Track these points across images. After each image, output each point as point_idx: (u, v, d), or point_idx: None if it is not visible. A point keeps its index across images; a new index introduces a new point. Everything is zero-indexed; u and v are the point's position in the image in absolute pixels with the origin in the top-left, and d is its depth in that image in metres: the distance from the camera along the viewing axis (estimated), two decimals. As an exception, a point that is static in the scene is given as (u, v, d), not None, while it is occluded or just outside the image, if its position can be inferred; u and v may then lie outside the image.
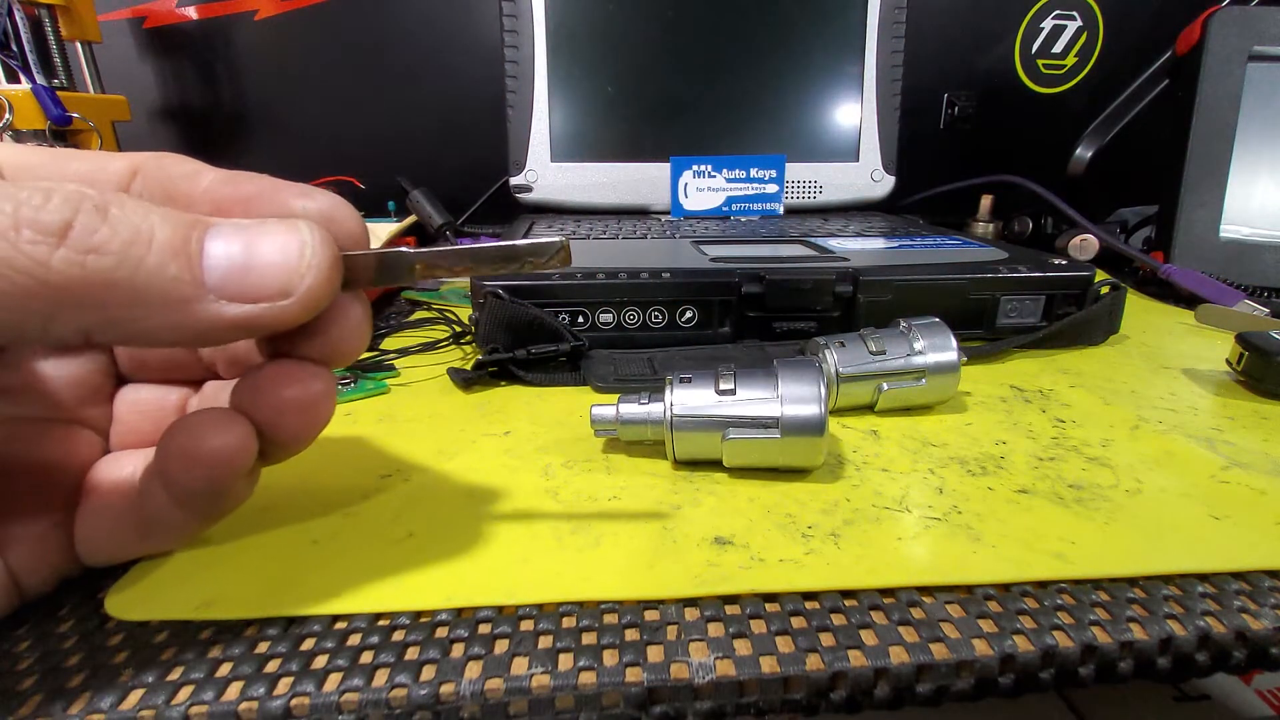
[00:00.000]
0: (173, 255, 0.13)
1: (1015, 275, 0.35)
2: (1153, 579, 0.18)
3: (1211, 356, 0.35)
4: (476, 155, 0.65)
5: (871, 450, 0.25)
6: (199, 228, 0.13)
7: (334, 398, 0.16)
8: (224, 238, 0.14)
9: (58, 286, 0.12)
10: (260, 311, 0.14)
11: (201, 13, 0.65)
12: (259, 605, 0.17)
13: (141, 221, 0.13)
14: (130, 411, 0.19)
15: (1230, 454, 0.25)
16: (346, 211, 0.16)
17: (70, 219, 0.12)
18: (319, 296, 0.14)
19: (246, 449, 0.15)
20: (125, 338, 0.13)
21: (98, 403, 0.19)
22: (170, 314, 0.13)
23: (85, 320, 0.12)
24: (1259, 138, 0.48)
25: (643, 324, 0.34)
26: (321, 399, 0.16)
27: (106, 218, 0.12)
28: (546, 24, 0.56)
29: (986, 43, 0.71)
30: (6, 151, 0.15)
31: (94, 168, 0.16)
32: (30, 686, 0.15)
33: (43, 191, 0.12)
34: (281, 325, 0.14)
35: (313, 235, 0.14)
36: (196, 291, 0.13)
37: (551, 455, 0.25)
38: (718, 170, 0.58)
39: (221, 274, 0.13)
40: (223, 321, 0.13)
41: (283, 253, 0.14)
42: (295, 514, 0.21)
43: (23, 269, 0.11)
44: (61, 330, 0.12)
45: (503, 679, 0.15)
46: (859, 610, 0.17)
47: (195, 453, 0.15)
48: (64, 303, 0.12)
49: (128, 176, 0.16)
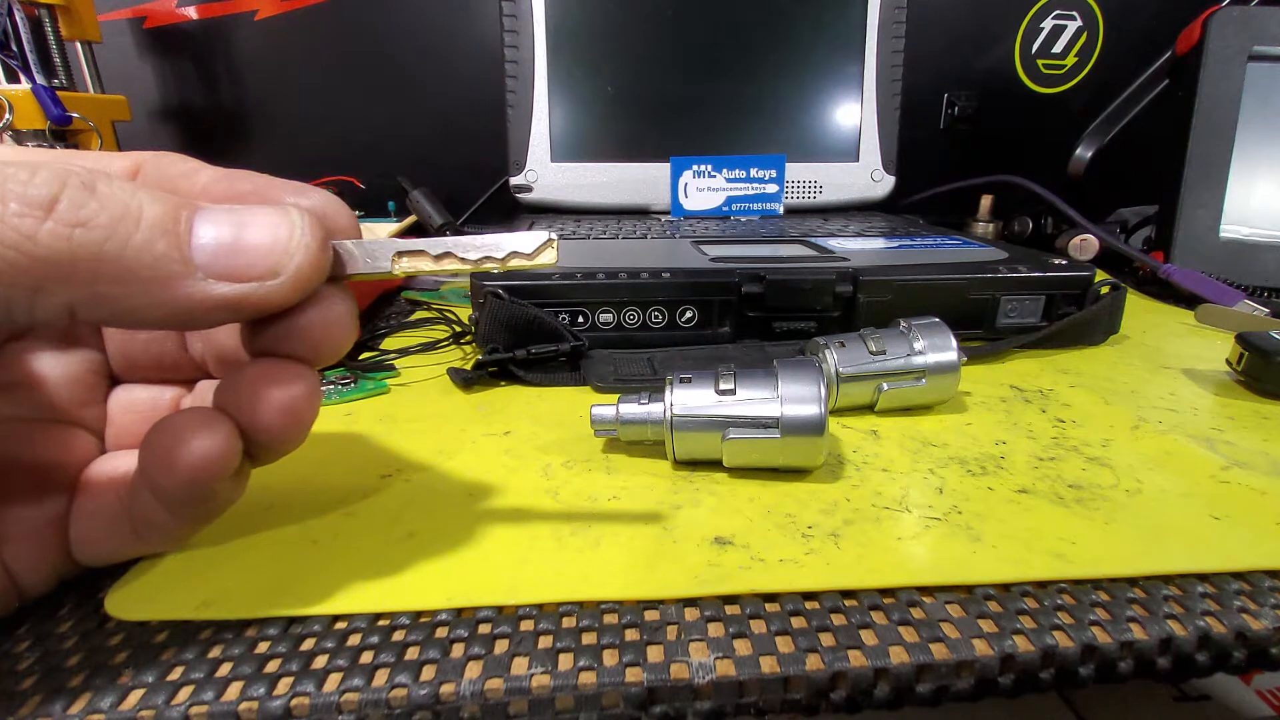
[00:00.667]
0: (161, 233, 0.13)
1: (1015, 275, 0.35)
2: (1153, 579, 0.18)
3: (1211, 356, 0.35)
4: (476, 155, 0.65)
5: (871, 450, 0.25)
6: (187, 208, 0.13)
7: (318, 399, 0.16)
8: (213, 219, 0.14)
9: (44, 260, 0.12)
10: (248, 291, 0.14)
11: (201, 13, 0.65)
12: (259, 605, 0.17)
13: (130, 199, 0.13)
14: (124, 412, 0.19)
15: (1230, 454, 0.25)
16: (339, 208, 0.16)
17: (57, 193, 0.12)
18: (308, 277, 0.14)
19: (228, 452, 0.15)
20: (112, 315, 0.13)
21: (92, 403, 0.19)
22: (157, 291, 0.13)
23: (72, 295, 0.12)
24: (1259, 138, 0.48)
25: (643, 324, 0.34)
26: (304, 400, 0.15)
27: (94, 193, 0.12)
28: (546, 24, 0.56)
29: (986, 43, 0.71)
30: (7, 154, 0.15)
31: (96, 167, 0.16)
32: (30, 686, 0.15)
33: (29, 167, 0.12)
34: (270, 306, 0.14)
35: (302, 218, 0.14)
36: (184, 269, 0.13)
37: (551, 455, 0.25)
38: (718, 170, 0.58)
39: (210, 253, 0.13)
40: (210, 300, 0.13)
41: (272, 233, 0.14)
42: (295, 514, 0.21)
43: (9, 243, 0.11)
44: (47, 305, 0.12)
45: (503, 679, 0.15)
46: (859, 610, 0.17)
47: (175, 456, 0.14)
48: (50, 277, 0.12)
49: (129, 176, 0.16)
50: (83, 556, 0.17)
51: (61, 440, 0.18)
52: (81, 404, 0.19)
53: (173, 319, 0.13)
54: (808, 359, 0.24)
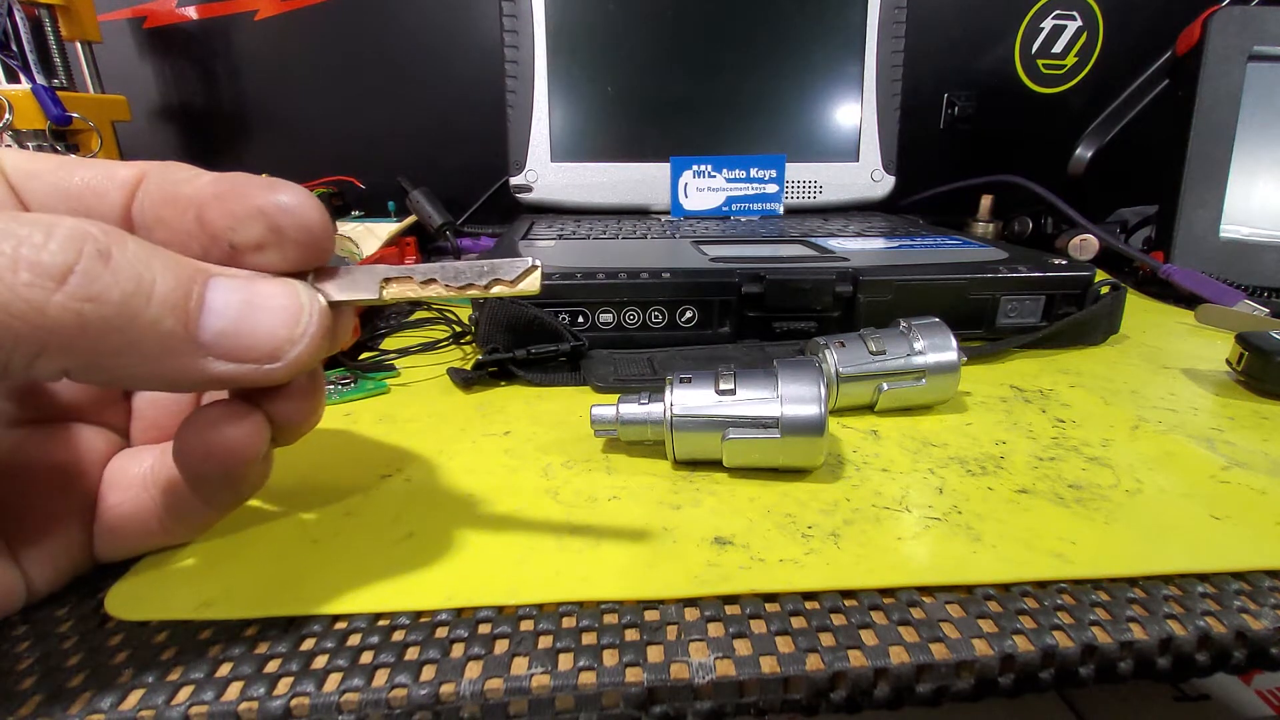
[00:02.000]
0: (170, 309, 0.13)
1: (1015, 275, 0.35)
2: (1153, 579, 0.18)
3: (1211, 356, 0.35)
4: (476, 155, 0.65)
5: (871, 450, 0.25)
6: (199, 280, 0.13)
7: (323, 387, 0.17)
8: (223, 294, 0.14)
9: (50, 331, 0.12)
10: (246, 372, 0.14)
11: (201, 13, 0.64)
12: (259, 605, 0.17)
13: (144, 270, 0.12)
14: (149, 406, 0.19)
15: (1230, 454, 0.25)
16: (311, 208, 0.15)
17: (71, 263, 0.12)
18: (306, 364, 0.15)
19: (260, 437, 0.16)
20: (107, 380, 0.13)
21: (113, 401, 0.19)
22: (157, 365, 0.13)
23: (70, 363, 0.12)
24: (1259, 138, 0.48)
25: (643, 324, 0.34)
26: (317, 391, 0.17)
27: (109, 263, 0.12)
28: (546, 24, 0.56)
29: (986, 43, 0.71)
30: (14, 159, 0.15)
31: (101, 175, 0.15)
32: (30, 686, 0.15)
33: (44, 228, 0.12)
34: (263, 385, 0.14)
35: (311, 301, 0.14)
36: (189, 348, 0.13)
37: (551, 455, 0.25)
38: (718, 170, 0.58)
39: (216, 332, 0.13)
40: (206, 377, 0.14)
41: (280, 317, 0.14)
42: (295, 514, 0.21)
43: (16, 312, 0.11)
44: (44, 368, 0.12)
45: (503, 679, 0.15)
46: (859, 610, 0.17)
47: (213, 442, 0.15)
48: (52, 345, 0.12)
49: (134, 184, 0.15)
50: (105, 553, 0.17)
51: (84, 441, 0.18)
52: (103, 404, 0.19)
53: (164, 387, 0.14)
54: (808, 359, 0.24)
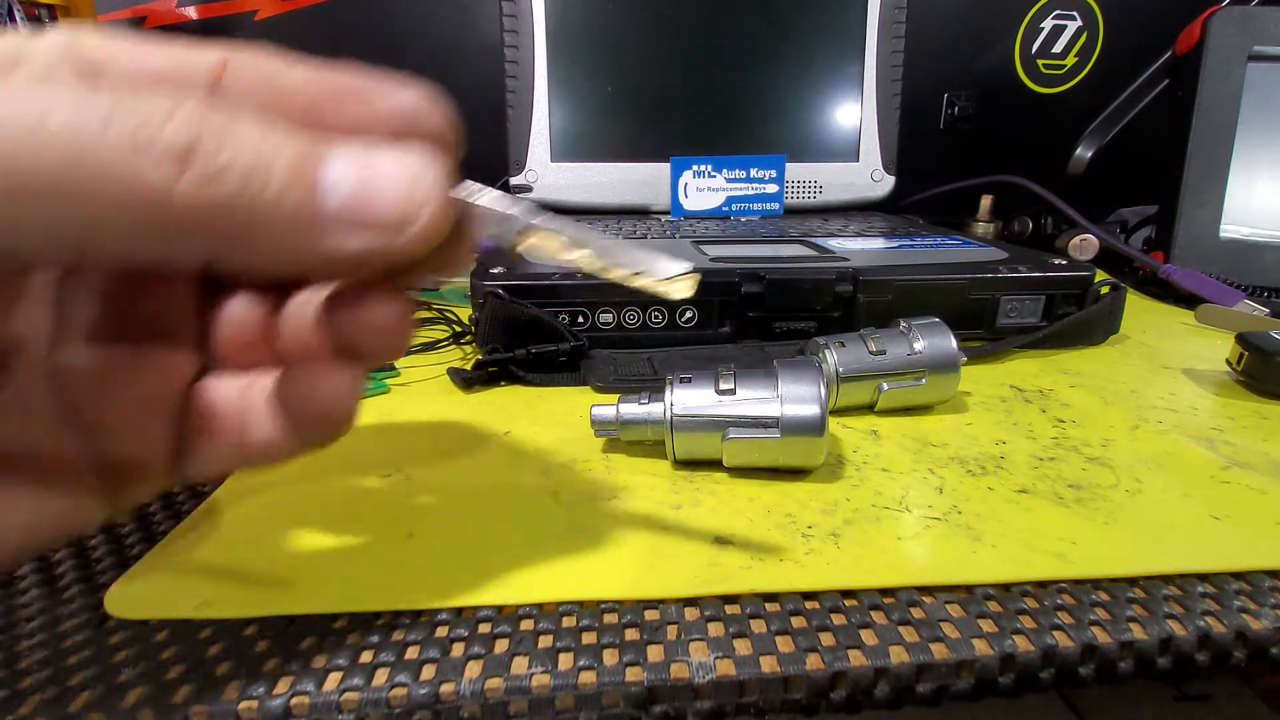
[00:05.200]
0: (291, 184, 0.12)
1: (1015, 275, 0.35)
2: (1153, 579, 0.18)
3: (1211, 356, 0.35)
4: (476, 155, 0.65)
5: (871, 450, 0.25)
6: (317, 151, 0.13)
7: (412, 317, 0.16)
8: (342, 163, 0.13)
9: (177, 214, 0.11)
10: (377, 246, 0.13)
11: (201, 13, 0.64)
12: (258, 605, 0.17)
13: (261, 143, 0.12)
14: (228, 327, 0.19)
15: (1230, 454, 0.25)
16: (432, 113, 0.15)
17: (194, 141, 0.11)
18: (434, 233, 0.14)
19: (358, 388, 0.16)
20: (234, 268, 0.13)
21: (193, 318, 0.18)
22: (286, 243, 0.12)
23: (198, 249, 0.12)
24: (1259, 138, 0.48)
25: (643, 324, 0.34)
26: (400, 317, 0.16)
27: (229, 139, 0.11)
28: (546, 24, 0.56)
29: (986, 43, 0.71)
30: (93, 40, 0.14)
31: (183, 61, 0.14)
32: (30, 686, 0.15)
33: (164, 107, 0.11)
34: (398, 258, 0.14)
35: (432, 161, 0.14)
36: (315, 222, 0.13)
37: (551, 455, 0.25)
38: (718, 170, 0.58)
39: (340, 203, 0.13)
40: (336, 254, 0.13)
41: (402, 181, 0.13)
42: (295, 514, 0.21)
43: (146, 198, 0.11)
44: (177, 256, 0.12)
45: (503, 679, 0.15)
46: (859, 610, 0.17)
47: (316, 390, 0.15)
48: (180, 231, 0.11)
49: (219, 70, 0.15)
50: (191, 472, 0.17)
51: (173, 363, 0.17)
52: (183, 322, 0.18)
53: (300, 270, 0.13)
54: (808, 359, 0.24)
